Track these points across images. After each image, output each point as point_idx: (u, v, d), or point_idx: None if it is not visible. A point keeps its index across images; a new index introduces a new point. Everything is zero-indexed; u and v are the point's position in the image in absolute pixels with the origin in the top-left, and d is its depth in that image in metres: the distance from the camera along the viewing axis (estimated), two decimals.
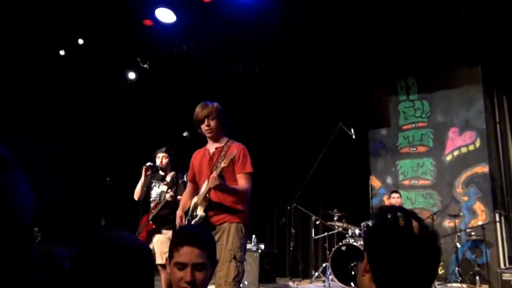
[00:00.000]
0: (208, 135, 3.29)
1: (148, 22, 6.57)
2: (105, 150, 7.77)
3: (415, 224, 1.13)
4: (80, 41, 6.97)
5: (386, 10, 6.14)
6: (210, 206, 3.14)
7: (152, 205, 4.85)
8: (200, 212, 3.13)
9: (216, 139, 3.34)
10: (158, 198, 4.82)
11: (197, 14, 6.33)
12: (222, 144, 3.33)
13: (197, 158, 3.39)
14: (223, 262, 2.95)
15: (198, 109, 3.27)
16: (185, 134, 3.31)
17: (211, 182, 2.92)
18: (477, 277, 6.50)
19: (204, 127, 3.25)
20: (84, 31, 6.85)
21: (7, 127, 6.45)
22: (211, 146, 3.36)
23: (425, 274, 1.10)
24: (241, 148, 3.25)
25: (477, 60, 7.50)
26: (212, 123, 3.24)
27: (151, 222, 4.69)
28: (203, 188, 3.18)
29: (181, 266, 1.82)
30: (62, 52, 7.14)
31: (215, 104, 3.31)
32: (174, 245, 1.87)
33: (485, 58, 7.39)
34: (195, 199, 3.33)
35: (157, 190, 4.89)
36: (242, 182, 3.14)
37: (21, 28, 6.25)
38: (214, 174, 2.93)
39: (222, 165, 2.94)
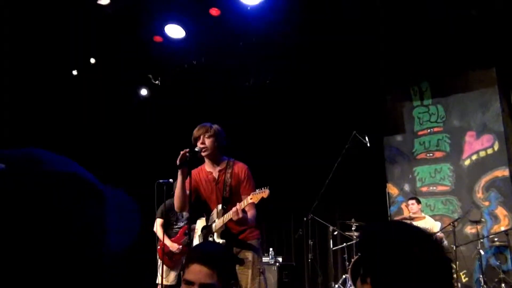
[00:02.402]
0: (203, 153, 3.29)
1: (158, 39, 6.63)
2: (119, 167, 7.80)
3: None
4: (92, 61, 7.05)
5: (397, 15, 6.09)
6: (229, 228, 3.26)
7: (179, 229, 4.83)
8: (218, 239, 3.23)
9: (214, 160, 3.38)
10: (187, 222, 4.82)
11: (206, 29, 6.36)
12: (224, 166, 3.37)
13: (200, 181, 3.40)
14: (254, 277, 3.15)
15: (195, 129, 3.35)
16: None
17: (235, 215, 3.00)
18: (503, 284, 6.29)
19: (199, 144, 3.28)
20: (95, 50, 6.93)
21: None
22: (213, 169, 3.40)
23: None
24: (245, 168, 3.36)
25: (491, 62, 7.37)
26: (208, 142, 3.28)
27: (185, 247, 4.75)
28: (216, 216, 3.28)
29: (189, 284, 1.72)
30: (75, 72, 7.23)
31: (215, 125, 3.37)
32: (186, 261, 1.79)
33: (500, 59, 7.26)
34: (201, 223, 3.46)
35: (185, 214, 4.86)
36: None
37: (34, 51, 6.34)
38: (239, 208, 3.00)
39: (250, 200, 3.03)
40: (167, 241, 4.86)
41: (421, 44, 6.81)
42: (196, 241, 3.49)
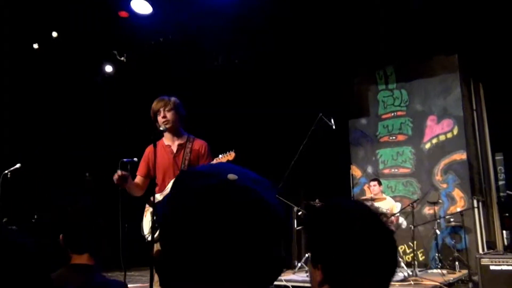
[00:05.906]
0: (165, 126, 3.24)
1: (123, 14, 6.43)
2: (83, 145, 7.63)
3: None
4: (54, 34, 6.79)
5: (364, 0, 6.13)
6: None
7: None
8: None
9: (175, 133, 3.34)
10: None
11: (173, 5, 6.22)
12: (184, 140, 3.33)
13: (157, 154, 3.14)
14: None
15: (154, 103, 3.32)
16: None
17: None
18: (457, 263, 6.61)
19: (160, 118, 3.26)
20: (58, 24, 6.67)
21: None
22: (172, 142, 3.35)
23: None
24: (205, 145, 3.35)
25: (454, 49, 7.58)
26: (169, 115, 3.26)
27: None
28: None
29: None
30: (36, 46, 6.95)
31: (173, 98, 3.33)
32: None
33: (462, 47, 7.47)
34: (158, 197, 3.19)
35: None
36: None
37: None
38: None
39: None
40: None
41: (387, 30, 6.89)
42: (147, 219, 3.36)
